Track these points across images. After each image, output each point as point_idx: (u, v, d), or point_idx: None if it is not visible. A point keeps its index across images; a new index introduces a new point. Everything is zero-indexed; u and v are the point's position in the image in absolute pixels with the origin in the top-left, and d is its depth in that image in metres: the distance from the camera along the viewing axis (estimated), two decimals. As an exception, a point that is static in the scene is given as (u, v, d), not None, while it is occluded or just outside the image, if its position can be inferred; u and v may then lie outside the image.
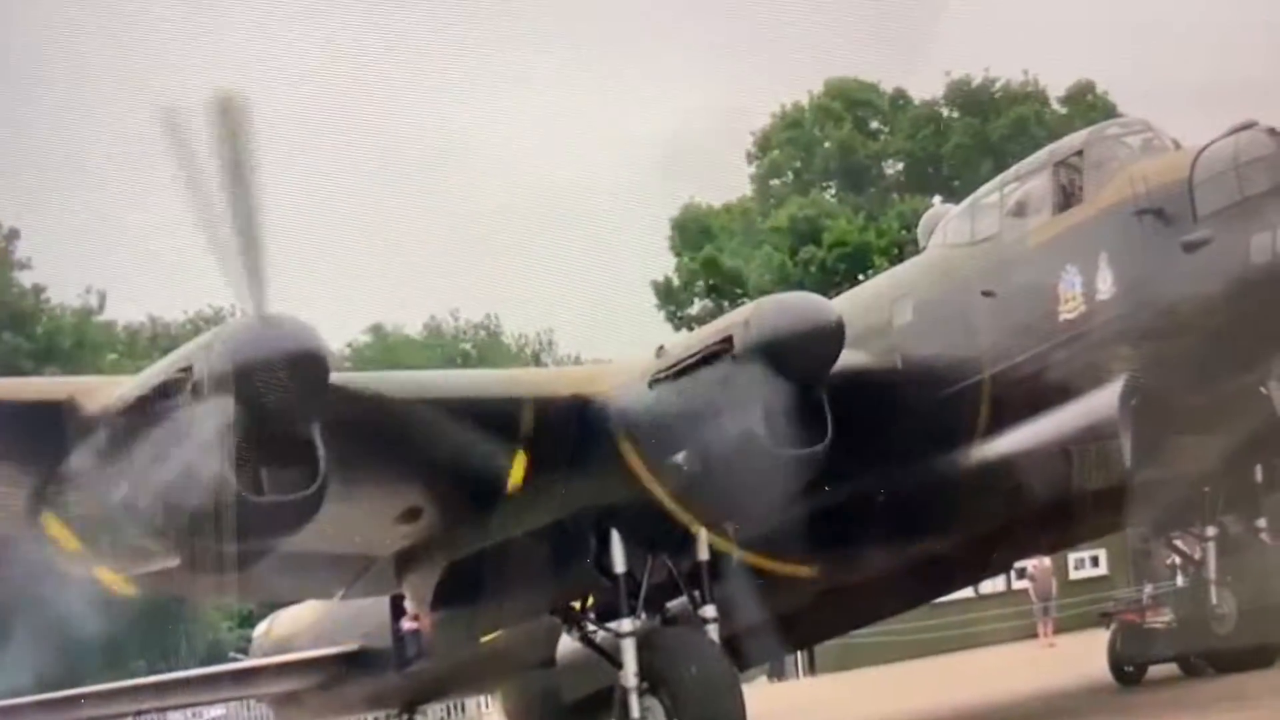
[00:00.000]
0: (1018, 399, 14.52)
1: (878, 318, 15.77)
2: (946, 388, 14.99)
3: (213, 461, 11.59)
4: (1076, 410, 14.17)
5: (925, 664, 28.98)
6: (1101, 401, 13.96)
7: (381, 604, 17.41)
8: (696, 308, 52.00)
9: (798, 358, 13.70)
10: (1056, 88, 52.59)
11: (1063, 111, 51.16)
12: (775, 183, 55.23)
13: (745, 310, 14.54)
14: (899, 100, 55.12)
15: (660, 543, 14.59)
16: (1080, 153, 14.93)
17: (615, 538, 14.50)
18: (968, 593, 27.22)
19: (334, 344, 14.28)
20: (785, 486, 14.09)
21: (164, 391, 11.99)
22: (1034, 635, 30.47)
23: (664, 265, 52.65)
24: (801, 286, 38.05)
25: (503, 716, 20.61)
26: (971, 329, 15.01)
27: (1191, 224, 13.63)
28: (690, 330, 33.40)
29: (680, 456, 13.81)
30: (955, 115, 53.78)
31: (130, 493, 11.95)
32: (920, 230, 17.67)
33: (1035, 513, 14.87)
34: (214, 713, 33.49)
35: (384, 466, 14.02)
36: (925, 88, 54.10)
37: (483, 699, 29.58)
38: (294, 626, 20.30)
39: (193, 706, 28.48)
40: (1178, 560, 18.74)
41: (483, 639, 16.70)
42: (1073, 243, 14.42)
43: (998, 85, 53.12)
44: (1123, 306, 13.97)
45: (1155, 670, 17.99)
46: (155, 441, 11.90)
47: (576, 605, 15.64)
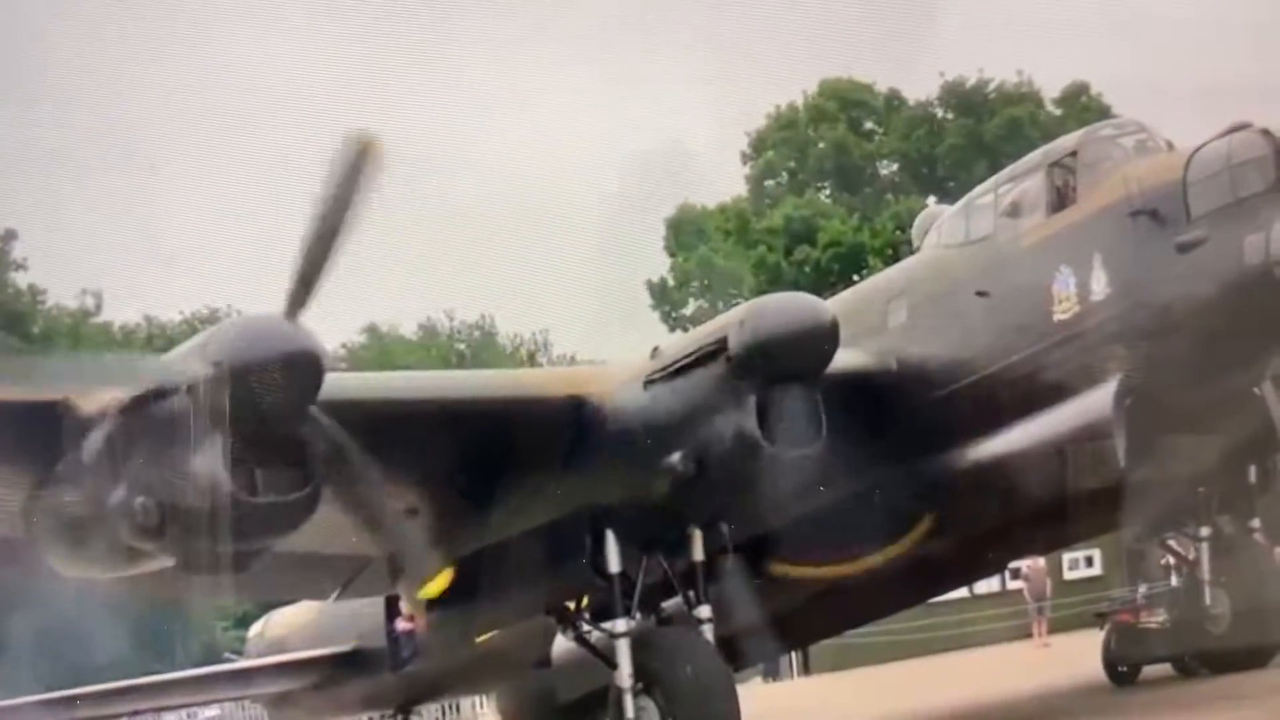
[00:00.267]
0: (1012, 399, 14.53)
1: (872, 318, 15.78)
2: (941, 388, 15.01)
3: (208, 462, 11.59)
4: (1071, 410, 14.18)
5: (920, 664, 28.98)
6: (1096, 402, 13.97)
7: (376, 604, 17.35)
8: (691, 308, 52.01)
9: (792, 358, 13.69)
10: (1051, 89, 52.60)
11: (1057, 112, 51.13)
12: (770, 183, 55.19)
13: (740, 311, 14.52)
14: (894, 101, 55.09)
15: (655, 543, 14.59)
16: (1074, 154, 14.96)
17: (610, 538, 14.50)
18: (962, 593, 27.28)
19: (329, 344, 14.22)
20: (780, 487, 14.10)
21: (159, 392, 11.98)
22: (1028, 635, 30.45)
23: (659, 265, 52.75)
24: (796, 287, 37.95)
25: (497, 717, 20.62)
26: (966, 329, 15.02)
27: (1185, 225, 13.66)
28: (685, 331, 33.44)
29: (675, 457, 13.80)
30: (950, 116, 53.74)
31: (125, 493, 11.93)
32: (915, 231, 17.69)
33: (1030, 513, 14.88)
34: (209, 713, 33.47)
35: (379, 467, 14.00)
36: (920, 88, 54.14)
37: (478, 699, 29.61)
38: (289, 627, 20.28)
39: (187, 707, 28.47)
40: (1172, 560, 18.78)
41: (478, 639, 16.72)
42: (1067, 243, 14.44)
43: (992, 86, 53.08)
44: (1117, 307, 13.99)
45: (1149, 670, 18.00)
46: (150, 442, 11.88)
47: (571, 605, 15.66)
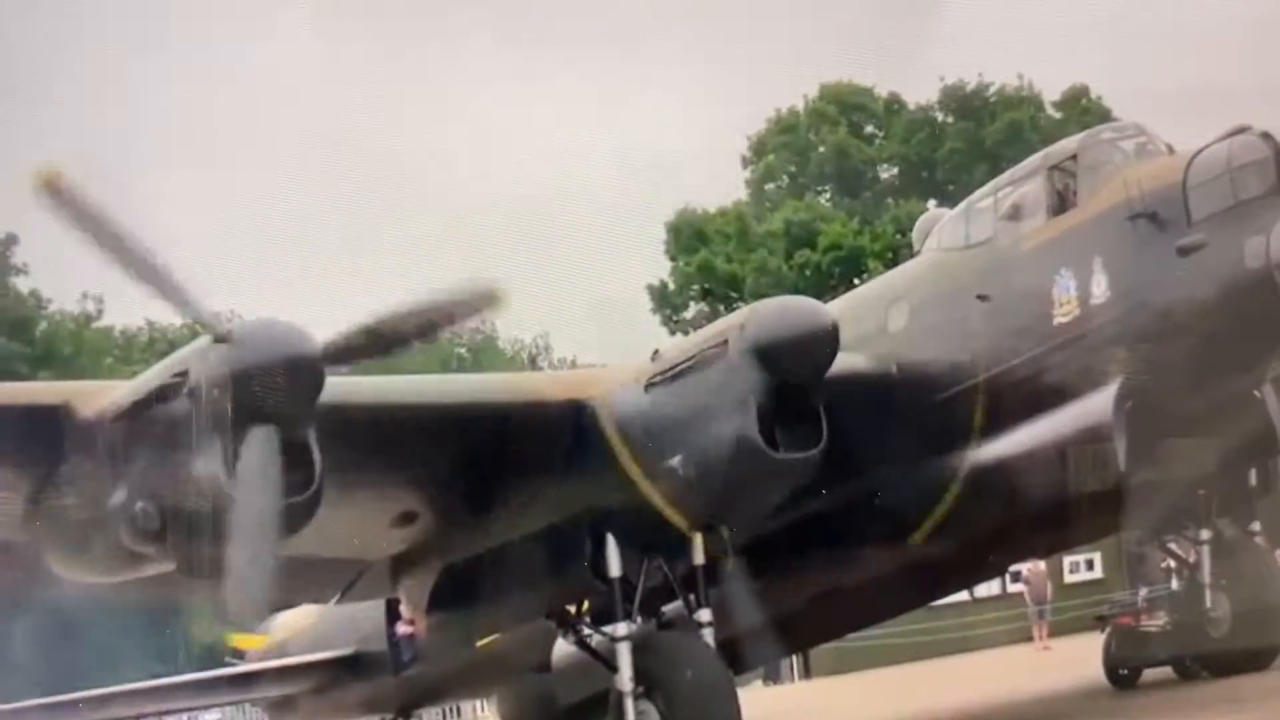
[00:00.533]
0: (1013, 403, 14.53)
1: (873, 322, 15.78)
2: (942, 391, 15.00)
3: (209, 465, 11.60)
4: (1071, 414, 14.17)
5: (920, 667, 28.95)
6: (1096, 405, 13.96)
7: (377, 608, 17.37)
8: (692, 312, 52.01)
9: (793, 361, 13.72)
10: (1051, 92, 52.69)
11: (1057, 116, 51.20)
12: (770, 187, 55.24)
13: (741, 314, 14.55)
14: (894, 104, 55.15)
15: (655, 546, 14.57)
16: (1074, 157, 14.95)
17: (611, 541, 14.48)
18: (963, 596, 27.13)
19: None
20: (781, 490, 14.12)
21: (160, 396, 11.98)
22: (1029, 639, 30.41)
23: (659, 269, 52.74)
24: (796, 290, 38.12)
25: (498, 720, 20.63)
26: (966, 333, 15.02)
27: (1186, 228, 13.64)
28: (685, 334, 33.44)
29: (676, 460, 13.81)
30: (950, 120, 53.79)
31: (126, 497, 11.94)
32: (915, 234, 17.68)
33: (1030, 516, 14.87)
34: (210, 717, 33.43)
35: (380, 470, 14.02)
36: (920, 92, 54.22)
37: (478, 703, 29.60)
38: (289, 630, 20.29)
39: (188, 711, 28.43)
40: (1172, 563, 18.74)
41: (479, 643, 16.70)
42: (1067, 247, 14.43)
43: (992, 90, 53.15)
44: (1117, 310, 13.98)
45: (1150, 673, 17.97)
46: (151, 446, 11.89)
47: (572, 609, 15.63)
